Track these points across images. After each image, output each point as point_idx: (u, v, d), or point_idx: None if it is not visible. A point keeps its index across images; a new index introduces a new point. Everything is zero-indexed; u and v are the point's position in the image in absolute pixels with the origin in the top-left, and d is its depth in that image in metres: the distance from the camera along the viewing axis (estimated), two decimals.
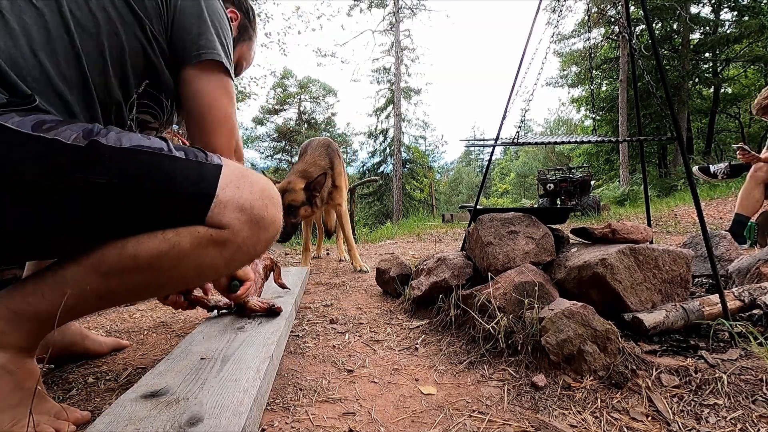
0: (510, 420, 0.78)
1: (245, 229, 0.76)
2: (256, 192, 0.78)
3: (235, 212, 0.75)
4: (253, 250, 0.80)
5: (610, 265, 1.10)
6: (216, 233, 0.74)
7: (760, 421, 0.73)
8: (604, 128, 18.00)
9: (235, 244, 0.76)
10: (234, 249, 0.76)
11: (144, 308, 1.73)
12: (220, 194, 0.74)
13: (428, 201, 26.68)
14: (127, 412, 0.68)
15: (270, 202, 0.80)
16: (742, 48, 15.77)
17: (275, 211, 0.81)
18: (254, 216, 0.77)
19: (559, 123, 36.74)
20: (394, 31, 21.74)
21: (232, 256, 0.77)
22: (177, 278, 0.77)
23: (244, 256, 0.79)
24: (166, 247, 0.71)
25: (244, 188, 0.77)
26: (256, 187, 0.78)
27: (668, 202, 8.04)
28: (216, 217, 0.73)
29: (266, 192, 0.80)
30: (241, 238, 0.76)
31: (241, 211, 0.75)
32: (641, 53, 8.28)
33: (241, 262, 0.81)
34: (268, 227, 0.79)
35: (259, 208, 0.77)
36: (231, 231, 0.74)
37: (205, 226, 0.73)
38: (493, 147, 1.58)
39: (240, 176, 0.78)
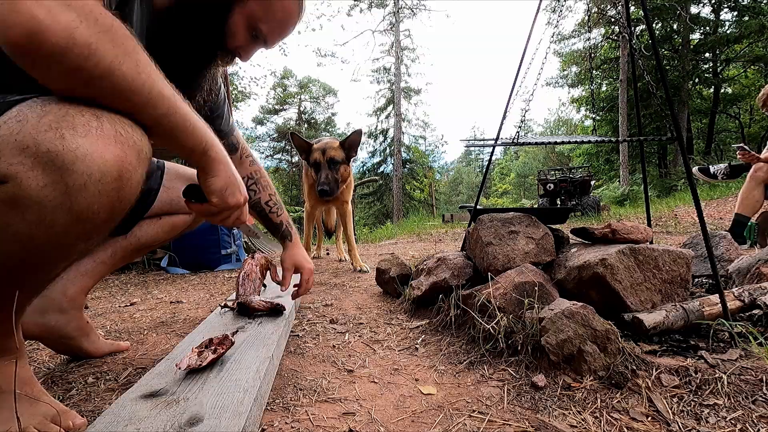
0: (510, 420, 0.78)
1: (36, 177, 0.52)
2: (46, 121, 0.53)
3: (13, 155, 0.51)
4: (70, 205, 0.55)
5: (610, 266, 1.10)
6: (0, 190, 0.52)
7: (760, 422, 0.73)
8: (604, 128, 18.01)
9: (32, 199, 0.52)
10: (36, 207, 0.53)
11: (144, 308, 1.73)
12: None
13: (428, 201, 26.69)
14: (127, 412, 0.68)
15: (73, 130, 0.53)
16: (742, 48, 15.79)
17: (84, 141, 0.54)
18: (42, 153, 0.52)
19: (559, 123, 36.75)
20: (394, 31, 21.75)
21: (41, 218, 0.54)
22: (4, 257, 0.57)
23: (62, 216, 0.55)
24: None
25: (29, 119, 0.53)
26: (52, 115, 0.53)
27: (668, 203, 8.04)
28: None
29: (69, 118, 0.54)
30: (34, 190, 0.52)
31: (22, 152, 0.51)
32: (641, 53, 8.28)
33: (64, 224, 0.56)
34: (72, 167, 0.53)
35: (49, 142, 0.52)
36: (15, 182, 0.51)
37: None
38: (493, 147, 1.58)
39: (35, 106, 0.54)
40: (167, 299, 1.90)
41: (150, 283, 2.36)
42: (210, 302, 1.82)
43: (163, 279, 2.51)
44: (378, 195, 24.89)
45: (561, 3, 1.71)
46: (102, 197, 0.57)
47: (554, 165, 26.60)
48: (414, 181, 25.55)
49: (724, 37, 15.25)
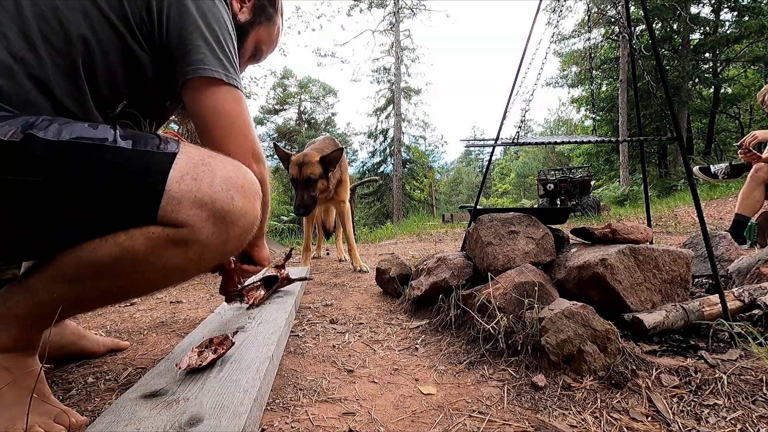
0: (510, 420, 0.78)
1: (208, 227, 0.67)
2: (218, 183, 0.68)
3: (192, 208, 0.66)
4: (224, 248, 0.72)
5: (610, 266, 1.10)
6: (173, 233, 0.66)
7: (760, 422, 0.73)
8: (604, 128, 18.00)
9: (199, 243, 0.68)
10: (199, 248, 0.68)
11: (144, 308, 1.73)
12: (172, 188, 0.65)
13: (428, 201, 26.69)
14: (128, 412, 0.68)
15: (238, 193, 0.70)
16: (742, 48, 15.79)
17: (245, 203, 0.71)
18: (217, 211, 0.68)
19: (559, 123, 36.75)
20: (394, 31, 21.75)
21: (199, 256, 0.70)
22: (143, 281, 0.71)
23: (214, 255, 0.72)
24: (119, 252, 0.65)
25: (203, 179, 0.67)
26: (219, 177, 0.69)
27: (668, 203, 8.04)
28: (170, 215, 0.65)
29: (232, 181, 0.70)
30: (204, 236, 0.67)
31: (201, 207, 0.66)
32: (641, 53, 8.27)
33: (211, 260, 0.74)
34: (236, 222, 0.70)
35: (223, 201, 0.68)
36: (191, 230, 0.66)
37: (160, 226, 0.65)
38: (493, 147, 1.58)
39: (199, 164, 0.68)
40: (167, 299, 1.90)
41: None
42: (210, 302, 1.82)
43: None
44: (378, 195, 24.88)
45: (561, 3, 1.71)
46: (245, 240, 0.75)
47: (554, 165, 26.61)
48: (414, 181, 25.55)
49: (724, 37, 15.25)
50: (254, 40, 1.02)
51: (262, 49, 1.06)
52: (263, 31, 1.03)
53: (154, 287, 0.78)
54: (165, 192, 0.64)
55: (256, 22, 1.01)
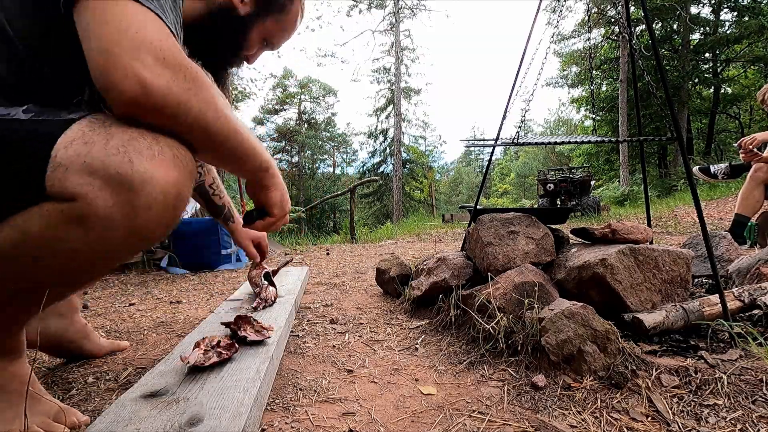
0: (510, 420, 0.78)
1: (104, 197, 0.56)
2: (113, 145, 0.56)
3: (82, 176, 0.55)
4: (134, 224, 0.59)
5: (610, 266, 1.10)
6: (67, 207, 0.56)
7: (760, 422, 0.73)
8: (604, 128, 18.00)
9: (98, 218, 0.56)
10: (101, 225, 0.57)
11: (144, 308, 1.73)
12: (58, 154, 0.55)
13: (428, 201, 26.71)
14: (128, 412, 0.68)
15: (140, 155, 0.57)
16: (742, 48, 15.79)
17: (150, 166, 0.58)
18: (112, 177, 0.56)
19: (559, 123, 36.76)
20: (394, 31, 21.76)
21: (104, 235, 0.58)
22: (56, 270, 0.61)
23: (125, 233, 0.59)
24: (17, 235, 0.57)
25: (96, 142, 0.56)
26: (117, 139, 0.57)
27: (668, 203, 8.04)
28: (58, 185, 0.55)
29: (134, 142, 0.58)
30: (102, 209, 0.56)
31: (91, 174, 0.55)
32: (641, 53, 8.27)
33: (123, 240, 0.60)
34: (139, 189, 0.57)
35: (118, 165, 0.56)
36: (84, 202, 0.55)
37: (53, 202, 0.56)
38: (493, 147, 1.58)
39: (98, 128, 0.58)
40: (167, 299, 1.90)
41: (150, 283, 2.36)
42: (210, 302, 1.82)
43: (163, 279, 2.51)
44: (378, 195, 24.90)
45: (561, 3, 1.71)
46: (162, 217, 0.61)
47: (554, 165, 26.62)
48: (414, 181, 25.57)
49: (724, 37, 15.25)
50: (260, 34, 0.93)
51: (272, 42, 0.97)
52: (271, 24, 0.93)
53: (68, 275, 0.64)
54: (50, 159, 0.55)
55: (261, 14, 0.90)
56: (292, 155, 28.46)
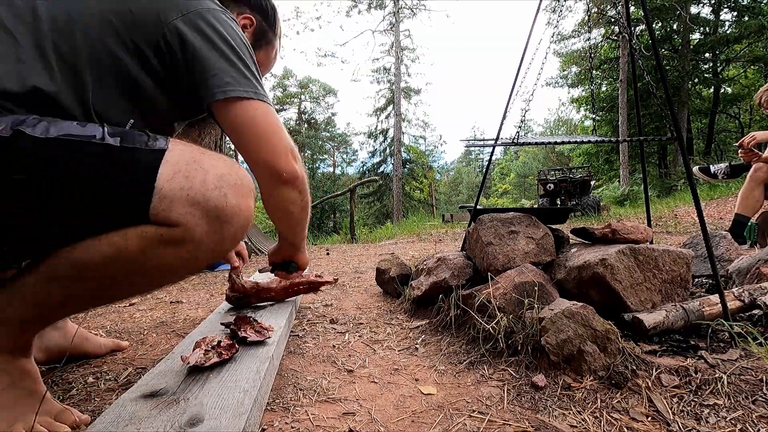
0: (510, 420, 0.78)
1: (202, 225, 0.67)
2: (210, 180, 0.67)
3: (185, 207, 0.65)
4: (218, 247, 0.71)
5: (610, 266, 1.10)
6: (167, 232, 0.65)
7: (760, 422, 0.73)
8: (604, 128, 18.00)
9: (193, 242, 0.67)
10: (193, 248, 0.68)
11: (144, 308, 1.73)
12: (163, 186, 0.64)
13: (428, 201, 26.70)
14: (128, 412, 0.68)
15: (231, 190, 0.69)
16: (741, 48, 15.78)
17: (239, 200, 0.70)
18: (211, 209, 0.67)
19: (559, 123, 36.76)
20: (394, 31, 21.75)
21: (193, 256, 0.69)
22: (136, 282, 0.71)
23: (208, 254, 0.71)
24: (113, 252, 0.64)
25: (195, 177, 0.66)
26: (211, 174, 0.68)
27: (668, 203, 8.04)
28: (162, 213, 0.64)
29: (225, 179, 0.69)
30: (198, 235, 0.67)
31: (193, 206, 0.65)
32: (641, 53, 8.26)
33: (205, 260, 0.73)
34: (230, 220, 0.69)
35: (216, 200, 0.67)
36: (184, 229, 0.65)
37: (153, 225, 0.65)
38: (493, 147, 1.58)
39: (190, 162, 0.67)
40: (167, 299, 1.90)
41: None
42: (210, 302, 1.82)
43: None
44: (378, 195, 24.89)
45: (561, 3, 1.71)
46: (237, 239, 0.74)
47: (554, 165, 26.60)
48: (414, 181, 25.56)
49: (724, 37, 15.25)
50: None
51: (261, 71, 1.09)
52: (262, 55, 1.07)
53: (147, 288, 0.77)
54: (155, 190, 0.63)
55: (257, 46, 1.04)
56: None
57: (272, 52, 1.10)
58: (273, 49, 1.10)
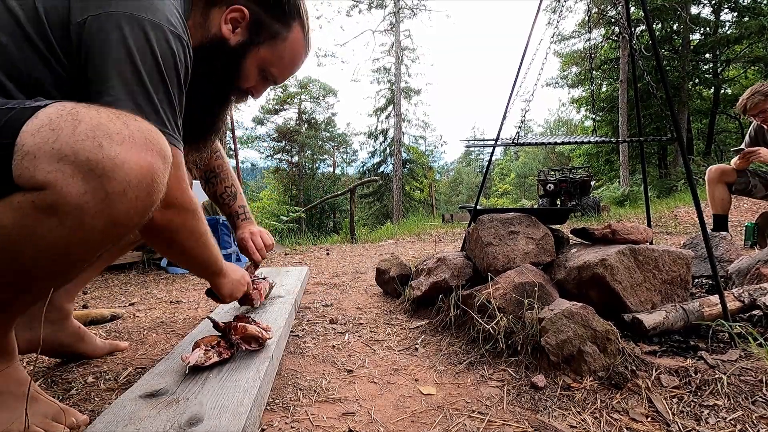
0: (509, 420, 0.78)
1: (75, 184, 0.54)
2: (82, 130, 0.55)
3: (51, 163, 0.53)
4: (110, 211, 0.57)
5: (609, 266, 1.10)
6: (38, 197, 0.54)
7: (759, 422, 0.73)
8: (604, 129, 18.00)
9: (71, 206, 0.55)
10: (76, 214, 0.55)
11: (144, 308, 1.73)
12: (25, 141, 0.53)
13: (428, 201, 26.69)
14: (127, 412, 0.68)
15: (110, 139, 0.56)
16: (742, 49, 15.79)
17: (121, 150, 0.56)
18: (82, 163, 0.54)
19: (559, 123, 36.75)
20: (394, 31, 21.75)
21: (81, 223, 0.56)
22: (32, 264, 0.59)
23: (102, 221, 0.57)
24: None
25: (63, 128, 0.55)
26: (85, 124, 0.55)
27: (668, 203, 8.04)
28: (27, 174, 0.53)
29: (103, 127, 0.56)
30: (74, 197, 0.54)
31: (60, 160, 0.53)
32: (641, 54, 8.28)
33: (103, 229, 0.59)
34: (111, 174, 0.56)
35: (88, 151, 0.54)
36: (54, 190, 0.54)
37: (23, 192, 0.54)
38: (493, 147, 1.58)
39: (63, 114, 0.56)
40: (167, 299, 1.90)
41: (150, 283, 2.36)
42: (210, 302, 1.82)
43: (163, 279, 2.51)
44: (378, 195, 24.89)
45: (561, 3, 1.71)
46: (137, 202, 0.60)
47: (554, 165, 26.61)
48: (414, 181, 25.55)
49: (724, 37, 15.24)
50: (256, 63, 0.91)
51: (272, 71, 0.94)
52: (266, 52, 0.90)
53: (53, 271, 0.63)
54: (16, 146, 0.53)
55: (254, 42, 0.89)
56: (292, 155, 28.45)
57: (283, 47, 0.92)
58: (284, 43, 0.92)
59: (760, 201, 2.82)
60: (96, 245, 0.62)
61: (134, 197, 0.59)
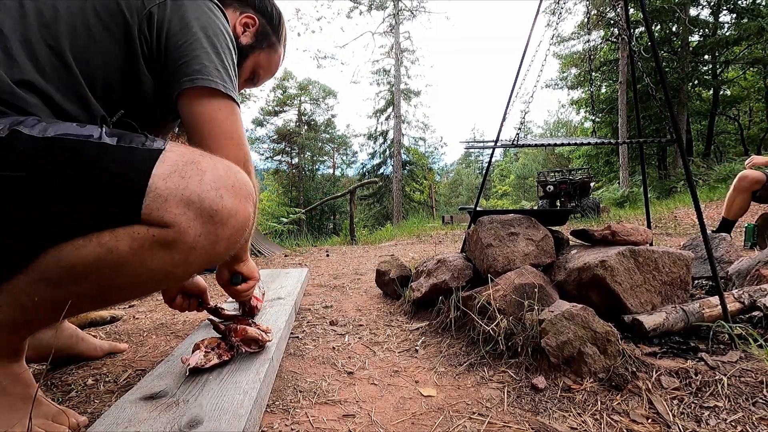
0: (510, 422, 0.78)
1: (196, 227, 0.64)
2: (207, 181, 0.65)
3: (179, 207, 0.63)
4: (213, 250, 0.68)
5: (609, 267, 1.10)
6: (159, 233, 0.63)
7: (760, 424, 0.73)
8: (603, 130, 18.02)
9: (186, 244, 0.64)
10: (186, 250, 0.65)
11: (144, 309, 1.73)
12: (158, 186, 0.62)
13: (428, 203, 26.71)
14: (127, 414, 0.68)
15: (228, 192, 0.67)
16: (741, 50, 15.82)
17: (235, 202, 0.67)
18: (205, 210, 0.64)
19: (558, 125, 36.80)
20: (393, 33, 21.78)
21: (186, 259, 0.66)
22: (128, 284, 0.67)
23: (202, 258, 0.68)
24: (103, 253, 0.62)
25: (191, 177, 0.64)
26: (209, 175, 0.66)
27: (668, 204, 8.05)
28: (155, 213, 0.62)
29: (223, 180, 0.67)
30: (192, 237, 0.64)
31: (187, 206, 0.63)
32: (641, 55, 8.28)
33: (199, 264, 0.69)
34: (226, 222, 0.66)
35: (212, 200, 0.65)
36: (177, 230, 0.63)
37: (145, 226, 0.63)
38: (493, 149, 1.58)
39: (188, 162, 0.65)
40: None
41: None
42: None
43: None
44: (378, 197, 24.90)
45: (560, 5, 1.71)
46: (234, 244, 0.71)
47: (554, 166, 26.62)
48: (414, 182, 25.56)
49: (723, 39, 15.26)
50: (253, 64, 1.03)
51: (259, 74, 1.07)
52: (263, 57, 1.04)
53: (141, 292, 0.74)
54: (148, 189, 0.62)
55: (257, 47, 1.01)
56: (291, 157, 28.47)
57: (275, 57, 1.07)
58: (276, 54, 1.07)
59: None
60: (183, 276, 0.73)
61: (235, 239, 0.70)
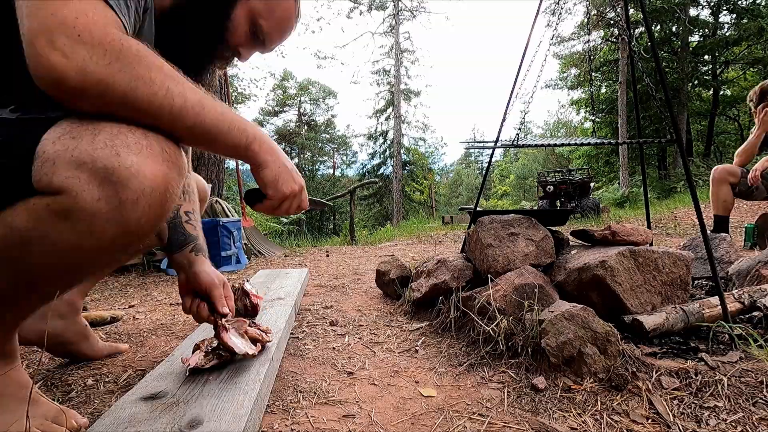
0: (510, 422, 0.78)
1: (91, 190, 0.56)
2: (101, 139, 0.57)
3: (69, 169, 0.55)
4: (122, 217, 0.58)
5: (609, 267, 1.10)
6: (53, 201, 0.56)
7: (760, 424, 0.73)
8: (603, 130, 18.03)
9: (85, 212, 0.56)
10: (87, 219, 0.57)
11: (144, 310, 1.73)
12: (46, 149, 0.55)
13: (428, 203, 26.70)
14: (127, 415, 0.68)
15: (126, 148, 0.57)
16: (741, 50, 15.83)
17: (137, 160, 0.58)
18: (99, 170, 0.56)
19: (558, 125, 36.81)
20: (393, 33, 21.80)
21: (91, 229, 0.57)
22: (46, 267, 0.60)
23: (113, 228, 0.58)
24: (5, 231, 0.57)
25: (84, 137, 0.56)
26: (104, 133, 0.57)
27: (668, 204, 8.04)
28: (45, 179, 0.55)
29: (121, 137, 0.58)
30: (88, 202, 0.56)
31: (79, 167, 0.55)
32: (641, 55, 8.28)
33: (112, 235, 0.59)
34: (127, 182, 0.57)
35: (105, 158, 0.56)
36: (70, 195, 0.55)
37: (39, 196, 0.56)
38: (493, 149, 1.58)
39: (84, 124, 0.58)
40: (167, 301, 1.90)
41: (149, 285, 2.36)
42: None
43: (163, 281, 2.51)
44: (378, 197, 24.90)
45: (560, 5, 1.71)
46: (150, 211, 0.61)
47: (554, 167, 26.62)
48: (414, 182, 25.57)
49: (723, 39, 15.28)
50: (246, 12, 0.82)
51: (261, 25, 0.84)
52: (257, 1, 0.83)
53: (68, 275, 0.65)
54: (36, 154, 0.55)
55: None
56: (291, 157, 28.46)
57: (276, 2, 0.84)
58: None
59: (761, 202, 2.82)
60: (106, 251, 0.63)
61: (147, 206, 0.60)
